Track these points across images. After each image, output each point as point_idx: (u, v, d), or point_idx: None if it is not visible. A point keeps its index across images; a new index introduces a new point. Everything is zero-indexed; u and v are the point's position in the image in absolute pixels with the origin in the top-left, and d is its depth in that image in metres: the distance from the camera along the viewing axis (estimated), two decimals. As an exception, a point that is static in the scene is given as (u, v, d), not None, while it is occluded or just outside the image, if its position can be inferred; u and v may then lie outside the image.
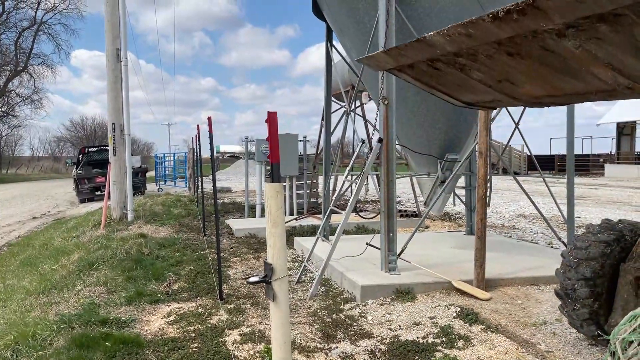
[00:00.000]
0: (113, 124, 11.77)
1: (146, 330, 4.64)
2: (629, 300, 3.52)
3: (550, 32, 1.35)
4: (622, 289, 3.57)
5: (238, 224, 10.59)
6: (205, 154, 9.72)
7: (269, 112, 1.94)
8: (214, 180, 6.17)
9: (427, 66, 1.68)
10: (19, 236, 12.83)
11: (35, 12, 50.06)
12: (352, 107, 9.71)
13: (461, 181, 8.53)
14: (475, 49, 1.51)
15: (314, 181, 13.90)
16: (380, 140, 5.83)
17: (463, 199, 8.42)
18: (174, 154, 32.61)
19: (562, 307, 3.96)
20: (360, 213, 11.34)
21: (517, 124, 7.15)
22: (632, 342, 2.53)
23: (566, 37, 1.37)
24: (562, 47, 1.42)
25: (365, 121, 13.95)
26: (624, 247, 3.68)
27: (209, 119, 5.80)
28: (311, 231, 9.75)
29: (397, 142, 6.96)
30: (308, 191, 13.25)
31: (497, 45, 1.46)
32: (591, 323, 3.73)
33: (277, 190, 1.95)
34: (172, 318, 4.93)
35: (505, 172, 29.77)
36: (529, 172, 33.99)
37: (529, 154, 32.81)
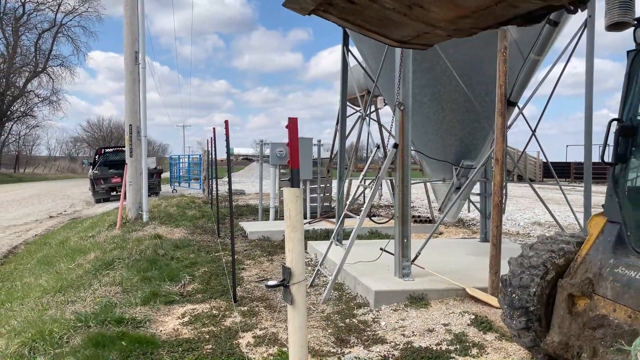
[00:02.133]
0: (130, 125, 11.91)
1: (161, 330, 4.69)
2: (564, 318, 3.29)
3: None
4: (559, 305, 3.36)
5: (252, 227, 10.65)
6: (221, 156, 9.78)
7: (290, 118, 1.96)
8: (229, 183, 6.22)
9: (343, 3, 1.70)
10: (35, 235, 13.01)
11: (55, 14, 50.85)
12: (367, 112, 9.72)
13: (476, 188, 8.49)
14: None
15: (328, 185, 13.92)
16: (395, 146, 5.83)
17: (478, 205, 8.37)
18: (189, 155, 32.83)
19: (502, 315, 3.79)
20: (373, 218, 11.33)
21: (533, 131, 7.10)
22: None
23: None
24: None
25: (380, 126, 13.94)
26: (568, 260, 3.46)
27: (226, 122, 5.85)
28: (324, 235, 9.77)
29: (412, 148, 6.96)
30: (321, 195, 13.26)
31: None
32: (526, 334, 3.54)
33: (297, 195, 1.97)
34: (186, 319, 4.97)
35: (520, 179, 29.53)
36: (544, 179, 33.66)
37: (544, 161, 32.49)
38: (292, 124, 1.97)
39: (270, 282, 2.12)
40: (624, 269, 3.02)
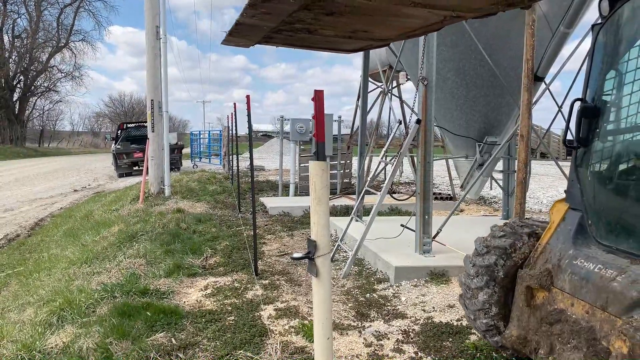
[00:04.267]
0: (152, 100, 11.97)
1: (184, 302, 4.78)
2: (523, 311, 3.09)
3: None
4: (518, 297, 3.16)
5: (272, 202, 10.71)
6: (242, 131, 9.78)
7: (316, 91, 1.94)
8: (251, 158, 6.23)
9: (283, 35, 1.63)
10: (61, 208, 13.29)
11: (77, -12, 50.90)
12: (389, 88, 9.60)
13: (498, 165, 8.38)
14: (292, 20, 1.44)
15: (348, 162, 13.89)
16: (418, 122, 5.76)
17: (500, 182, 8.27)
18: (209, 131, 33.00)
19: (466, 316, 3.60)
20: (393, 195, 11.30)
21: (560, 107, 6.94)
22: None
23: None
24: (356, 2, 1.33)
25: (402, 102, 13.79)
26: (524, 251, 3.25)
27: (248, 97, 5.84)
28: (344, 211, 9.79)
29: (434, 124, 6.87)
30: (341, 171, 13.25)
31: (305, 10, 1.38)
32: (493, 334, 3.34)
33: (323, 169, 1.96)
34: (209, 291, 5.05)
35: (543, 156, 29.05)
36: (568, 157, 33.06)
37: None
38: (319, 97, 1.95)
39: (296, 255, 2.13)
40: (582, 261, 2.78)
